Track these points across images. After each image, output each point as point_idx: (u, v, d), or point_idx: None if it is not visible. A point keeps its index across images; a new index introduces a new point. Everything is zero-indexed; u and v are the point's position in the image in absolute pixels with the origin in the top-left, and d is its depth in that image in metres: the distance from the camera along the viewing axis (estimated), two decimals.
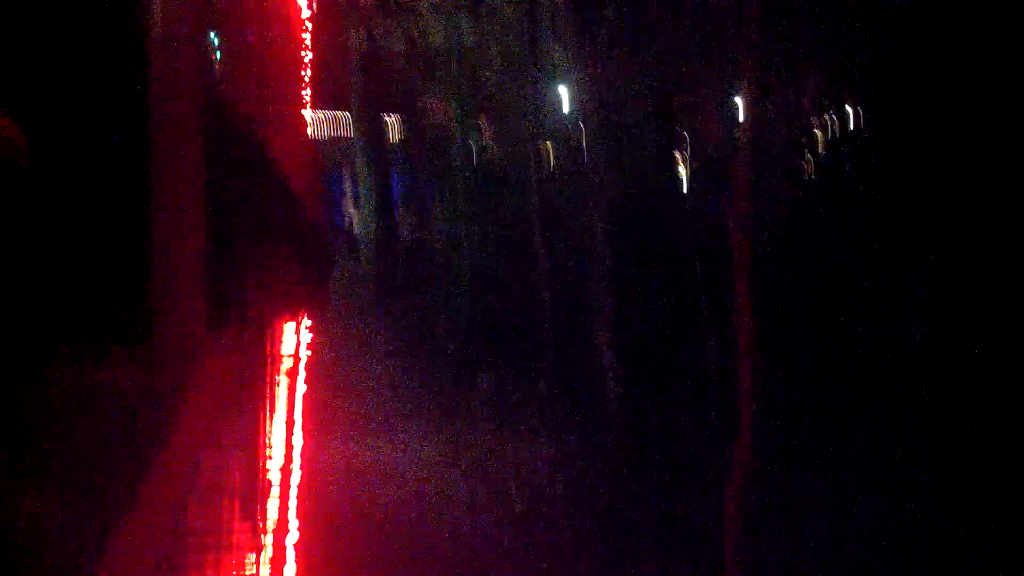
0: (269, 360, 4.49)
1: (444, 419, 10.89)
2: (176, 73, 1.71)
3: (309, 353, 6.79)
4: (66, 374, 1.28)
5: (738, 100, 14.33)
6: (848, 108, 14.16)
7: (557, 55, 14.81)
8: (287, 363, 5.42)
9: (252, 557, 3.47)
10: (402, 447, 10.12)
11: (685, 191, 15.56)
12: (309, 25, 6.31)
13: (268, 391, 4.46)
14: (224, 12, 2.45)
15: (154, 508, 1.51)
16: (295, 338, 5.92)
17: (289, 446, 5.15)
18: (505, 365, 12.48)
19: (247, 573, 3.36)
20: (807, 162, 14.05)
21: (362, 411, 10.98)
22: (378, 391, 11.79)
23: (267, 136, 3.69)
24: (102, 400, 1.41)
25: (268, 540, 4.00)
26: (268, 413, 4.39)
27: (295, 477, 5.28)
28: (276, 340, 4.73)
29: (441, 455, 9.99)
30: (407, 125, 19.70)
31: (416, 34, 15.16)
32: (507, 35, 14.57)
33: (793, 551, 7.87)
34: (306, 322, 6.71)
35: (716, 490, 8.80)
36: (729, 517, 7.18)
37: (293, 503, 5.06)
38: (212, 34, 2.07)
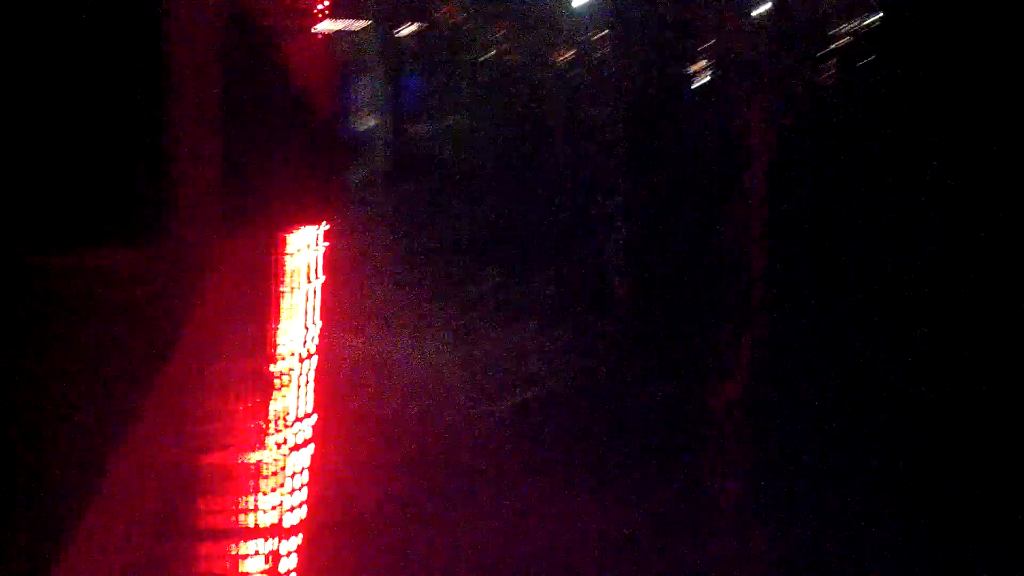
0: (283, 260, 4.68)
1: (450, 313, 11.18)
2: None
3: (326, 245, 6.93)
4: (82, 266, 1.29)
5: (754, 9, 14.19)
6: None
7: None
8: (303, 263, 5.59)
9: (265, 452, 3.61)
10: (410, 341, 10.43)
11: (700, 99, 15.48)
12: None
13: (280, 290, 4.65)
14: None
15: (162, 410, 1.53)
16: (313, 237, 6.07)
17: (307, 339, 5.35)
18: (511, 263, 12.75)
19: (269, 467, 3.52)
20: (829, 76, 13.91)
21: (370, 305, 11.26)
22: (387, 286, 12.06)
23: (282, 42, 3.75)
24: (116, 295, 1.43)
25: (287, 431, 4.23)
26: (280, 311, 4.55)
27: (312, 366, 5.48)
28: (289, 242, 4.88)
29: (446, 347, 10.31)
30: (423, 33, 19.55)
31: None
32: None
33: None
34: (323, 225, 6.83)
35: (719, 378, 9.08)
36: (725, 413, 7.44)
37: (311, 391, 5.22)
38: None
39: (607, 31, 13.12)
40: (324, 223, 6.89)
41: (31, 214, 1.23)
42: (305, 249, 5.78)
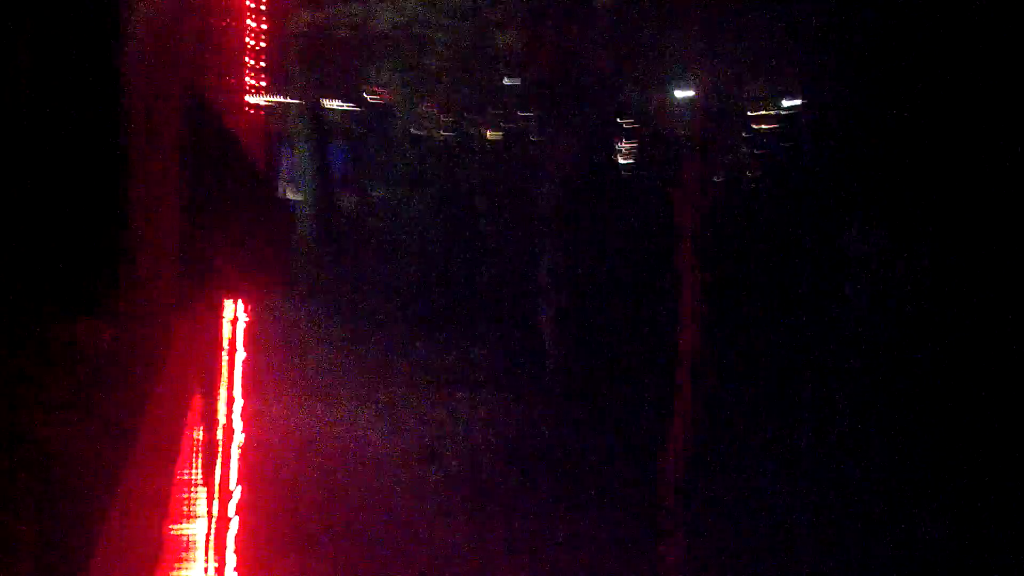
0: (222, 333, 4.71)
1: (378, 383, 10.99)
2: (154, 61, 1.74)
3: (247, 319, 6.81)
4: (40, 337, 1.28)
5: (680, 92, 14.62)
6: (794, 101, 14.46)
7: (503, 39, 14.93)
8: (230, 331, 5.58)
9: (204, 524, 3.55)
10: (336, 410, 10.18)
11: (627, 175, 15.79)
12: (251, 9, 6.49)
13: (222, 359, 4.68)
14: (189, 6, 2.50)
15: (134, 476, 1.53)
16: (235, 305, 6.00)
17: (231, 409, 5.30)
18: (441, 332, 12.65)
19: (202, 538, 3.45)
20: (752, 154, 14.35)
21: (297, 375, 11.01)
22: (314, 355, 11.83)
23: (230, 119, 3.80)
24: (74, 363, 1.43)
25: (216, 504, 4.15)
26: (219, 383, 4.58)
27: (238, 441, 5.38)
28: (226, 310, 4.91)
29: (376, 417, 10.09)
30: (351, 108, 19.68)
31: (359, 19, 15.11)
32: (453, 21, 14.63)
33: (729, 513, 8.08)
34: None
35: (653, 454, 9.05)
36: (666, 481, 7.38)
37: (235, 466, 5.15)
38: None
39: (537, 110, 13.33)
40: (275, 291, 6.70)
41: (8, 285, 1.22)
42: (232, 321, 5.76)
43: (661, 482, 7.45)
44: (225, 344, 5.34)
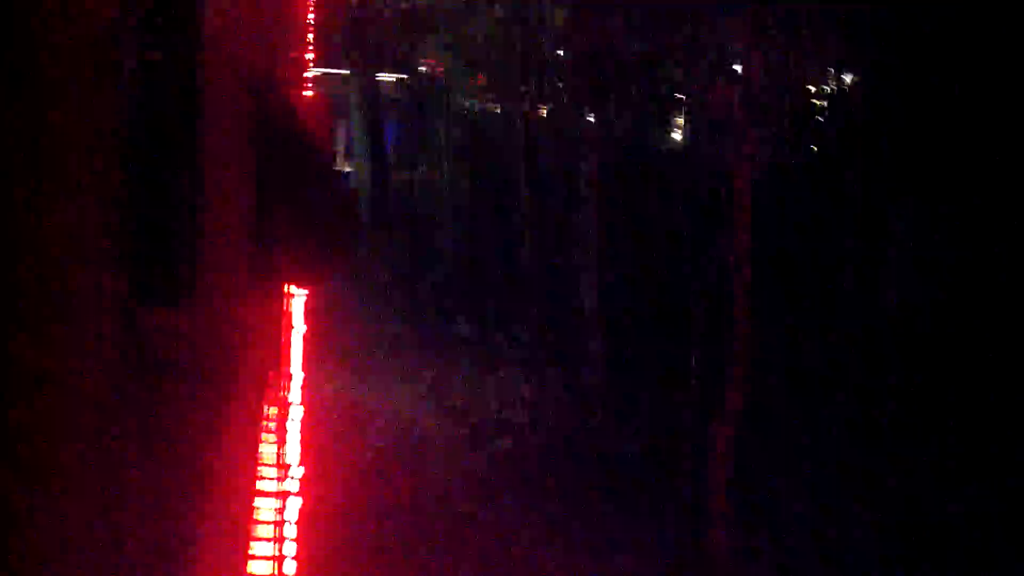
0: (290, 310, 4.82)
1: (426, 363, 11.22)
2: (229, 60, 1.78)
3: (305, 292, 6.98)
4: (119, 324, 1.29)
5: (737, 65, 14.54)
6: (848, 76, 14.31)
7: (548, 14, 14.97)
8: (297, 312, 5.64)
9: (269, 500, 3.64)
10: (385, 388, 10.43)
11: (681, 150, 15.83)
12: None
13: (289, 338, 4.73)
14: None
15: (230, 462, 1.59)
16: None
17: (289, 387, 5.38)
18: (485, 310, 12.82)
19: (274, 509, 3.57)
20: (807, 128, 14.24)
21: (347, 355, 11.29)
22: (362, 331, 12.08)
23: (297, 108, 3.82)
24: (153, 349, 1.46)
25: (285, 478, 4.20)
26: (285, 362, 4.62)
27: (298, 415, 5.39)
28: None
29: (423, 396, 10.33)
30: (402, 81, 19.79)
31: None
32: None
33: (777, 501, 8.27)
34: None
35: (697, 436, 9.24)
36: (716, 461, 7.54)
37: (296, 444, 5.15)
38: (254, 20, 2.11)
39: (584, 86, 13.38)
40: (340, 275, 6.74)
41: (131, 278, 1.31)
42: (289, 294, 5.88)
43: (709, 476, 7.58)
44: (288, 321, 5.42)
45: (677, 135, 16.34)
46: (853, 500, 8.25)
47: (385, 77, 20.44)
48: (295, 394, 5.47)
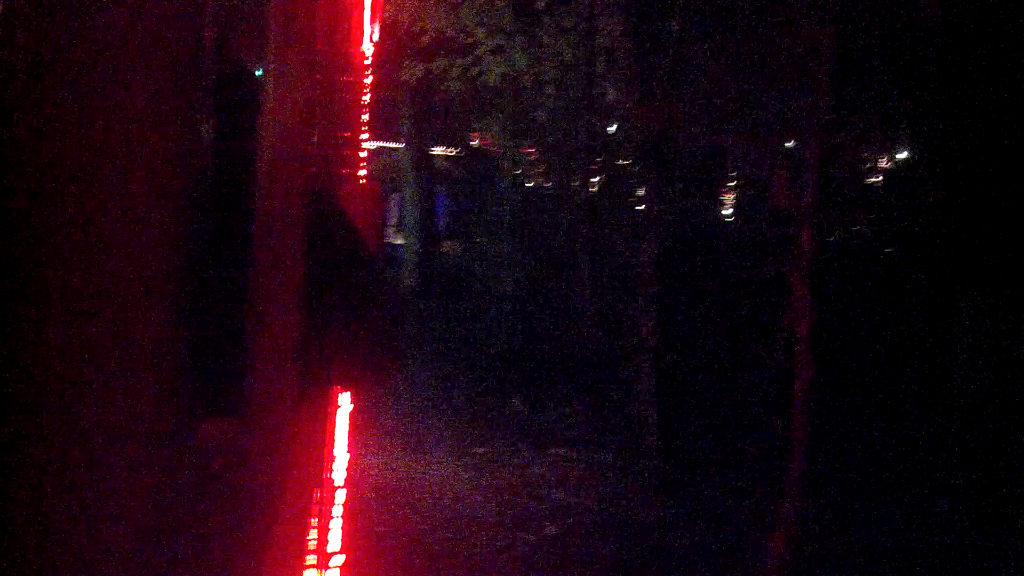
0: (337, 410, 4.55)
1: (477, 439, 10.94)
2: (286, 150, 1.77)
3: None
4: (170, 435, 1.29)
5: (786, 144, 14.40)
6: (905, 154, 14.10)
7: (610, 93, 14.97)
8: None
9: None
10: (434, 466, 10.17)
11: (732, 223, 15.59)
12: (370, 65, 6.56)
13: (335, 440, 4.53)
14: (318, 81, 2.51)
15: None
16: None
17: (332, 470, 5.36)
18: (539, 387, 12.55)
19: None
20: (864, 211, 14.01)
21: (395, 428, 11.06)
22: (412, 407, 11.87)
23: (349, 200, 3.72)
24: (202, 460, 1.46)
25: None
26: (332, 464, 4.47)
27: (340, 500, 5.41)
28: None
29: (473, 474, 10.03)
30: (456, 156, 19.96)
31: (471, 71, 15.34)
32: (561, 73, 14.76)
33: None
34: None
35: (757, 521, 8.80)
36: (777, 555, 7.14)
37: (338, 528, 5.21)
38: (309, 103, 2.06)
39: (640, 164, 13.26)
40: (385, 383, 6.63)
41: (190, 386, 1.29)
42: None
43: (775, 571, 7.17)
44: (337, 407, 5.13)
45: (732, 216, 16.13)
46: None
47: (438, 151, 20.62)
48: (339, 476, 5.37)
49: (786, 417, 7.62)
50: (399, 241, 20.31)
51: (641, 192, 13.19)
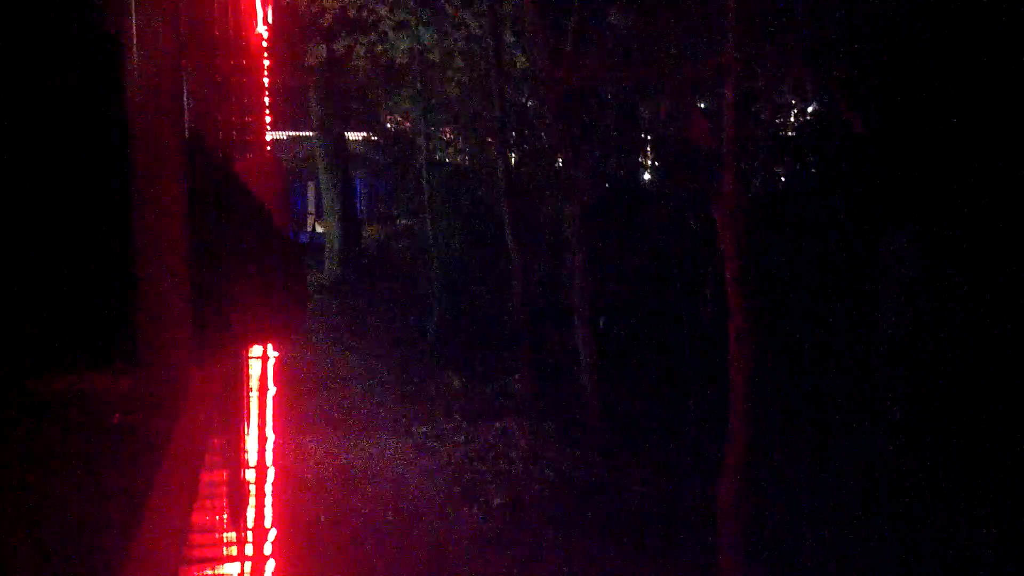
0: (246, 374, 4.66)
1: (416, 418, 10.76)
2: (156, 107, 1.79)
3: (276, 355, 6.71)
4: (59, 396, 1.30)
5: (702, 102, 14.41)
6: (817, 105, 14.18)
7: (519, 61, 14.81)
8: (257, 370, 5.49)
9: (237, 566, 3.55)
10: (374, 446, 9.96)
11: (651, 181, 15.59)
12: (266, 47, 6.38)
13: (245, 403, 4.62)
14: (195, 43, 2.54)
15: (154, 530, 1.55)
16: (264, 347, 5.92)
17: (262, 448, 5.22)
18: (475, 361, 12.39)
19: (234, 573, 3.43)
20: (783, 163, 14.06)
21: (332, 414, 10.83)
22: (347, 389, 11.64)
23: (240, 161, 3.81)
24: (96, 421, 1.45)
25: (250, 542, 4.13)
26: (246, 424, 4.54)
27: (270, 477, 5.20)
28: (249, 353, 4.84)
29: (414, 452, 9.85)
30: (371, 139, 19.63)
31: (377, 48, 15.03)
32: (469, 44, 14.54)
33: (785, 543, 7.82)
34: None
35: (694, 479, 8.79)
36: (724, 508, 7.10)
37: (269, 503, 5.01)
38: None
39: (557, 130, 13.15)
40: (289, 336, 6.68)
41: (21, 343, 1.29)
42: (260, 359, 5.66)
43: (720, 531, 7.11)
44: (254, 382, 5.25)
45: (648, 174, 16.12)
46: (862, 532, 7.82)
47: (352, 135, 20.25)
48: (267, 456, 5.26)
49: (719, 363, 7.61)
50: (320, 229, 19.95)
51: (559, 159, 13.10)
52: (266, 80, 6.57)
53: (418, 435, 10.20)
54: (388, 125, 18.91)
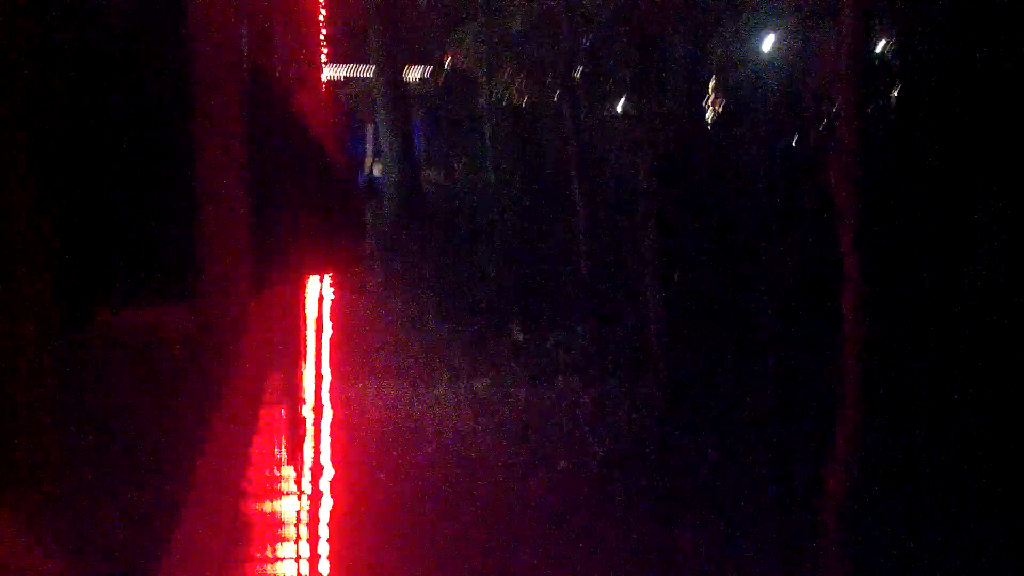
0: (304, 312, 4.78)
1: (475, 371, 10.19)
2: (215, 40, 1.79)
3: (332, 296, 6.46)
4: (119, 329, 1.35)
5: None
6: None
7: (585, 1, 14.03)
8: (315, 312, 5.54)
9: (295, 502, 3.66)
10: (434, 403, 9.42)
11: (716, 132, 14.75)
12: None
13: (303, 341, 4.71)
14: None
15: (211, 463, 1.58)
16: (321, 287, 5.99)
17: (319, 387, 5.25)
18: (537, 315, 11.75)
19: (293, 516, 3.55)
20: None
21: (389, 362, 10.31)
22: (405, 341, 11.09)
23: (297, 100, 3.88)
24: (155, 354, 1.49)
25: (307, 480, 4.18)
26: (303, 361, 4.63)
27: (327, 416, 5.28)
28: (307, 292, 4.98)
29: (476, 411, 9.28)
30: (432, 78, 19.01)
31: None
32: None
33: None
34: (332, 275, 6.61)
35: (764, 448, 8.13)
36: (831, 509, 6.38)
37: (327, 444, 5.06)
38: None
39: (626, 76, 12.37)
40: (346, 270, 6.70)
41: (82, 275, 1.24)
42: (318, 299, 5.66)
43: (784, 493, 6.45)
44: (311, 322, 5.25)
45: (721, 122, 15.27)
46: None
47: (414, 76, 19.56)
48: (324, 396, 5.32)
49: (793, 333, 6.86)
50: (377, 172, 19.40)
51: (625, 102, 12.32)
52: (322, 14, 6.46)
53: (477, 391, 9.65)
54: (447, 65, 18.25)
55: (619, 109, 14.65)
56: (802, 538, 6.62)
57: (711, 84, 14.86)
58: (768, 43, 13.71)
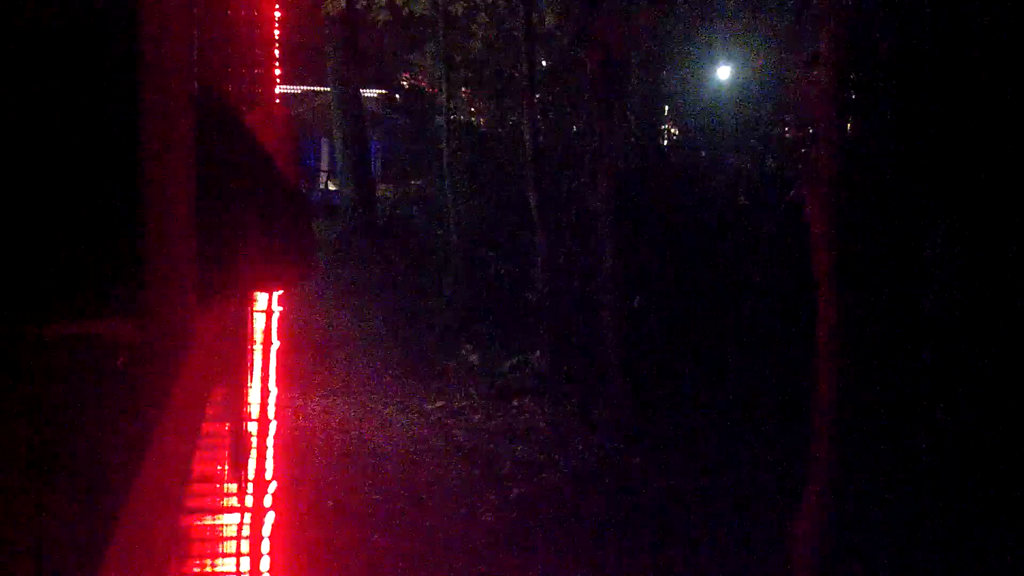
0: (251, 327, 4.83)
1: (430, 392, 10.02)
2: (165, 57, 1.80)
3: (280, 308, 6.32)
4: (65, 341, 1.34)
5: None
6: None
7: (548, 18, 14.03)
8: (262, 325, 5.55)
9: (237, 517, 3.65)
10: (389, 425, 9.24)
11: (672, 159, 14.81)
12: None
13: (249, 356, 4.77)
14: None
15: (151, 476, 1.55)
16: (269, 302, 5.92)
17: (265, 401, 5.26)
18: (492, 336, 11.61)
19: (234, 531, 3.53)
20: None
21: (341, 383, 10.12)
22: (357, 360, 10.91)
23: (248, 116, 3.94)
24: (97, 366, 1.49)
25: (249, 496, 4.20)
26: (249, 374, 4.71)
27: (271, 431, 5.22)
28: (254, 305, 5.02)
29: (431, 433, 9.10)
30: (389, 95, 18.92)
31: (399, 2, 14.28)
32: (494, 4, 13.80)
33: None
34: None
35: (720, 470, 8.06)
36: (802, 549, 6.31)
37: (270, 458, 4.99)
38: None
39: (594, 93, 12.39)
40: (294, 285, 6.56)
41: (18, 289, 1.27)
42: (265, 312, 5.60)
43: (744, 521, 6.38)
44: (258, 336, 5.27)
45: (673, 144, 15.35)
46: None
47: (369, 93, 19.44)
48: (270, 411, 5.31)
49: (764, 355, 6.84)
50: (332, 187, 19.20)
51: (591, 126, 12.31)
52: (276, 32, 6.46)
53: (432, 412, 9.48)
54: (405, 84, 18.16)
55: (574, 129, 14.67)
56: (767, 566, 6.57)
57: (666, 109, 14.95)
58: (725, 72, 13.82)
